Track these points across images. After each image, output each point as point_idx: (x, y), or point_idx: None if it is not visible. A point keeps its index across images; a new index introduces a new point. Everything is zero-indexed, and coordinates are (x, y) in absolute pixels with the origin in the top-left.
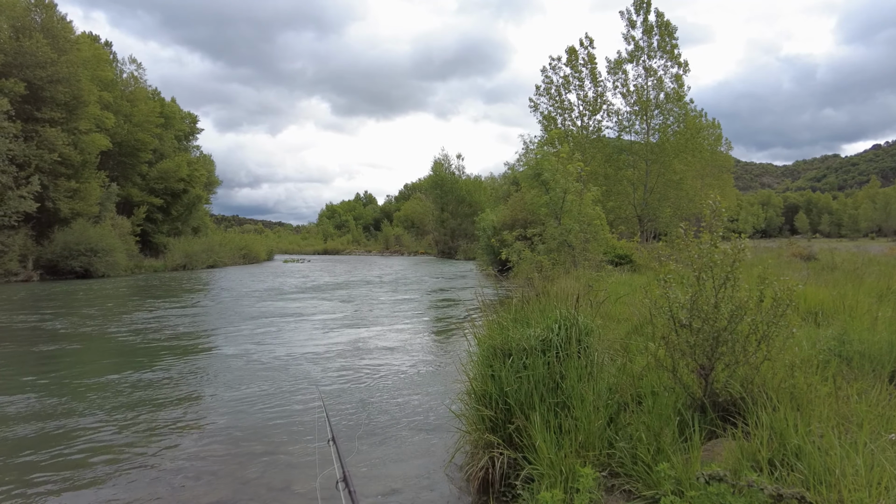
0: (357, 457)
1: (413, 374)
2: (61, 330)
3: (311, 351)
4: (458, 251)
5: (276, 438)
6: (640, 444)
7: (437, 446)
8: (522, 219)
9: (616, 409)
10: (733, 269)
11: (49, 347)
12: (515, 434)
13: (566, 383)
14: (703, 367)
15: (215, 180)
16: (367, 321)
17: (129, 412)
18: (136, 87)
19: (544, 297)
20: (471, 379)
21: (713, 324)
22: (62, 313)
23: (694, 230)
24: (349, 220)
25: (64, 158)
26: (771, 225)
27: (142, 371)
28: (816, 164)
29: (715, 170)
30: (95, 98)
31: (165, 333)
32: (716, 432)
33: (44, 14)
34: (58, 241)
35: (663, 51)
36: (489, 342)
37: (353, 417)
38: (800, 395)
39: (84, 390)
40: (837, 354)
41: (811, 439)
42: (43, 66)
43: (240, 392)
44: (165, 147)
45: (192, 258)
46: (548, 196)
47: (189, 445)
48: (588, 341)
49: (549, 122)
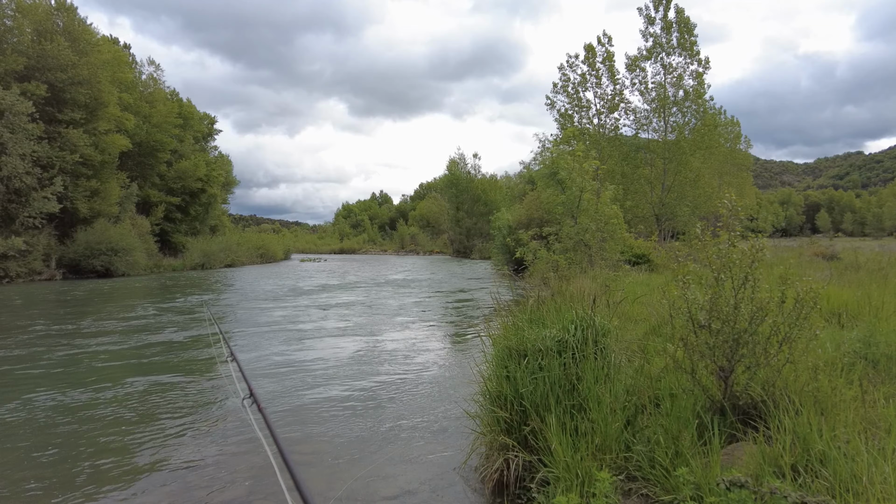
0: (370, 456)
1: (427, 375)
2: (83, 329)
3: (321, 355)
4: (474, 250)
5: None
6: (658, 448)
7: (451, 447)
8: (538, 218)
9: (633, 412)
10: (752, 269)
11: (63, 350)
12: (531, 436)
13: (582, 385)
14: (723, 369)
15: (233, 180)
16: (380, 321)
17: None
18: (155, 89)
19: (560, 297)
20: (485, 380)
21: (733, 325)
22: (88, 312)
23: (711, 229)
24: (365, 220)
25: (85, 159)
26: (791, 223)
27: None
28: (839, 161)
29: (734, 168)
30: (115, 99)
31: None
32: (736, 436)
33: (65, 17)
34: (80, 240)
35: (682, 47)
36: (504, 343)
37: (366, 416)
38: (824, 399)
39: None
40: (863, 357)
41: (836, 445)
42: (64, 68)
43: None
44: (184, 147)
45: (209, 257)
46: (564, 195)
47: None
48: (605, 342)
49: (565, 120)
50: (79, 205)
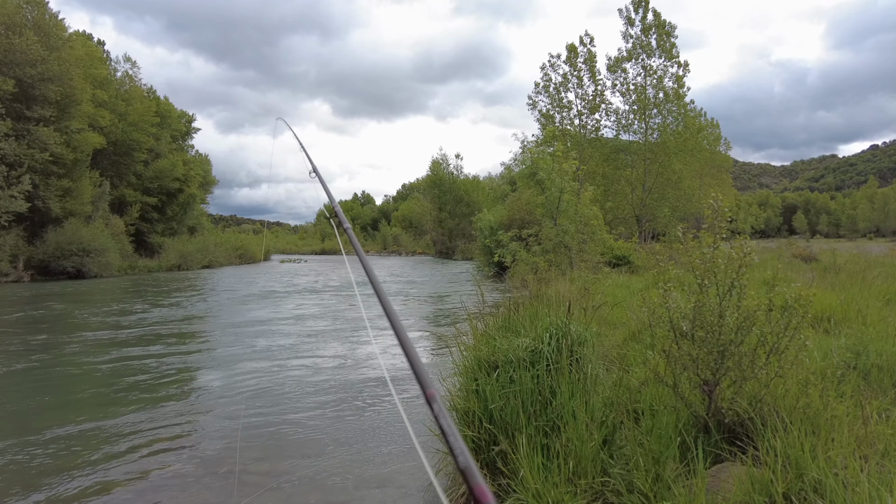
0: (330, 478)
1: (394, 387)
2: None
3: (278, 367)
4: (457, 251)
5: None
6: (638, 471)
7: (418, 467)
8: (520, 219)
9: (611, 429)
10: (739, 274)
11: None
12: (500, 458)
13: (557, 400)
14: (708, 382)
15: (212, 179)
16: (351, 328)
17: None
18: (131, 86)
19: (538, 302)
20: (453, 394)
21: (718, 336)
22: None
23: (693, 231)
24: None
25: (56, 157)
26: (769, 225)
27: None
28: (814, 164)
29: (714, 169)
30: (89, 96)
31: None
32: (721, 456)
33: (35, 11)
34: (49, 241)
35: (662, 49)
36: (475, 353)
37: (322, 432)
38: (815, 416)
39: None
40: (853, 367)
41: (833, 471)
42: (33, 63)
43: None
44: (161, 146)
45: (186, 258)
46: (543, 196)
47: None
48: (581, 352)
49: (547, 121)
50: (50, 204)
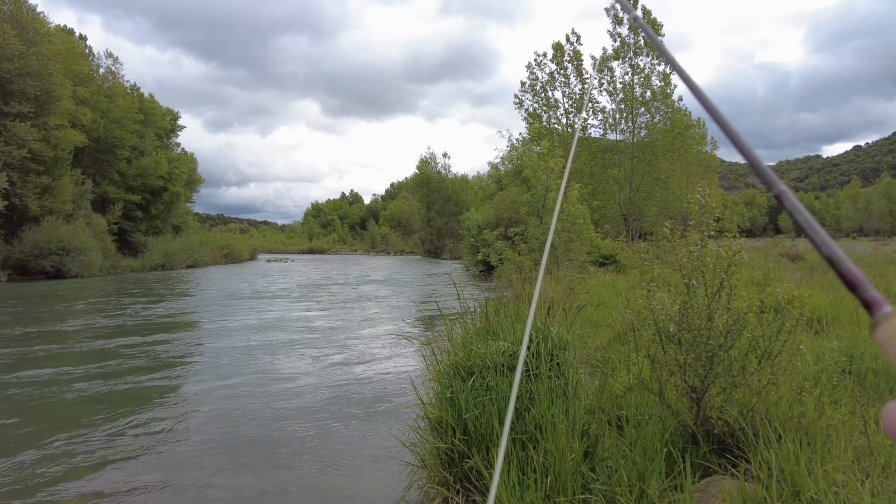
0: (299, 492)
1: (370, 393)
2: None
3: (245, 373)
4: (445, 250)
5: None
6: (621, 487)
7: (390, 480)
8: (507, 218)
9: (593, 440)
10: (729, 274)
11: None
12: (474, 473)
13: (535, 408)
14: (695, 389)
15: (198, 178)
16: (330, 330)
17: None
18: (114, 83)
19: (521, 302)
20: (424, 404)
21: (706, 339)
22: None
23: (681, 229)
24: (335, 219)
25: (34, 154)
26: (755, 224)
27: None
28: (799, 164)
29: (701, 169)
30: (69, 93)
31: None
32: (710, 468)
33: (12, 5)
34: (27, 240)
35: (650, 48)
36: (451, 358)
37: (295, 441)
38: (809, 425)
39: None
40: (848, 372)
41: (833, 488)
42: (10, 58)
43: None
44: (145, 144)
45: (171, 258)
46: (529, 194)
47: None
48: (563, 357)
49: (534, 120)
50: (28, 202)
